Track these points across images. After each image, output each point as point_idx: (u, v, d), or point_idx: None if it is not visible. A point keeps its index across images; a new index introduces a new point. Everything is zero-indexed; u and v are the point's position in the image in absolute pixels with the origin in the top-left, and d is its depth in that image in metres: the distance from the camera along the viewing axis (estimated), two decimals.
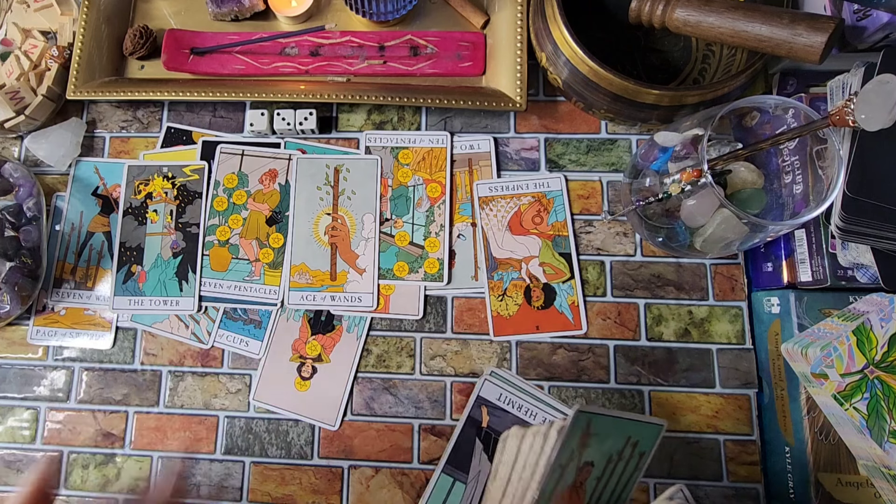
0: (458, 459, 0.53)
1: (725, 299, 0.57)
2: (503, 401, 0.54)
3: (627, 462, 0.41)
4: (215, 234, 0.60)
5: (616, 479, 0.41)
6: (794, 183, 0.52)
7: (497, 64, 0.60)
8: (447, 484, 0.53)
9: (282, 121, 0.61)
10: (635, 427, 0.40)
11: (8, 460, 0.58)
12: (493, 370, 0.55)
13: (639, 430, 0.40)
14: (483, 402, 0.54)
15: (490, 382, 0.55)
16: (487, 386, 0.55)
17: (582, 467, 0.39)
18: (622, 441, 0.40)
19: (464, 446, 0.54)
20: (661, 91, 0.49)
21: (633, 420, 0.40)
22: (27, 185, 0.60)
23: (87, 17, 0.62)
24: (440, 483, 0.53)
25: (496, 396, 0.55)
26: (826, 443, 0.50)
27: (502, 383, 0.54)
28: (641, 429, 0.40)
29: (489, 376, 0.55)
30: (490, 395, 0.55)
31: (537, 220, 0.59)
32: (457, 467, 0.53)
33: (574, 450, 0.38)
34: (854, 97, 0.41)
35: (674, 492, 0.37)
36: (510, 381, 0.54)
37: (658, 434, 0.41)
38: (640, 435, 0.40)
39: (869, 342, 0.46)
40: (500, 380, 0.54)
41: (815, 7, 0.52)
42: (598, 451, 0.39)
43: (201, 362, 0.59)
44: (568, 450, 0.38)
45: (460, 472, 0.53)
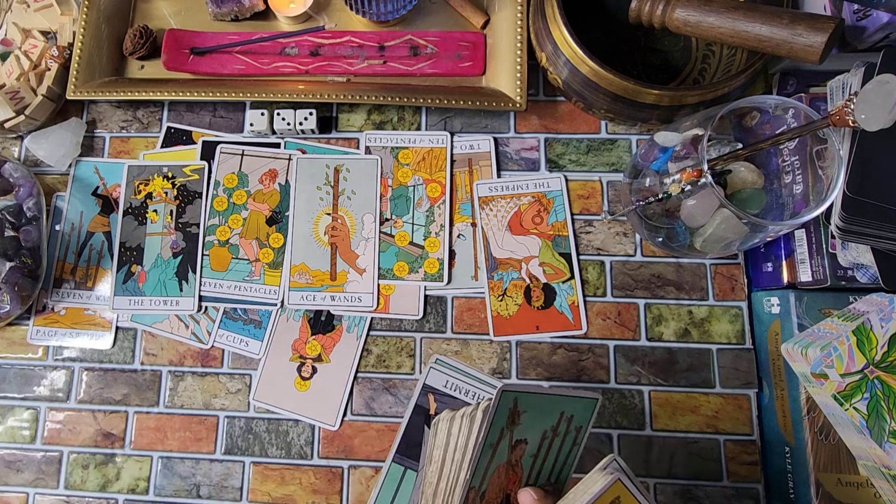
0: (408, 448, 0.54)
1: (725, 299, 0.57)
2: (449, 387, 0.55)
3: (564, 437, 0.40)
4: (215, 234, 0.60)
5: (555, 455, 0.40)
6: (794, 183, 0.52)
7: (497, 64, 0.60)
8: (398, 472, 0.54)
9: (282, 121, 0.61)
10: (568, 402, 0.39)
11: (8, 460, 0.58)
12: (437, 357, 0.56)
13: (572, 404, 0.39)
14: (429, 390, 0.55)
15: (435, 370, 0.55)
16: (433, 373, 0.55)
17: (514, 445, 0.39)
18: (555, 417, 0.39)
19: (413, 434, 0.54)
20: (661, 91, 0.49)
21: (563, 396, 0.39)
22: (27, 185, 0.60)
23: (87, 17, 0.62)
24: (391, 472, 0.54)
25: (442, 383, 0.55)
26: (826, 443, 0.50)
27: (447, 370, 0.55)
28: (575, 403, 0.39)
29: (434, 364, 0.56)
30: (436, 383, 0.55)
31: (537, 220, 0.59)
32: (407, 456, 0.54)
33: (504, 428, 0.38)
34: (854, 97, 0.41)
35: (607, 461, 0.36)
36: (455, 366, 0.55)
37: (593, 408, 0.40)
38: (573, 409, 0.39)
39: (869, 342, 0.46)
40: (445, 366, 0.55)
41: (815, 7, 0.52)
42: (531, 428, 0.39)
43: (201, 362, 0.59)
44: (497, 429, 0.37)
45: (410, 460, 0.54)
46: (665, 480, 0.54)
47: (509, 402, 0.37)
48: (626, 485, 0.34)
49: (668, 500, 0.54)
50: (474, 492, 0.38)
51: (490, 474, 0.38)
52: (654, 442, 0.55)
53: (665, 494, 0.54)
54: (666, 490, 0.54)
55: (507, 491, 0.39)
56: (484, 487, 0.38)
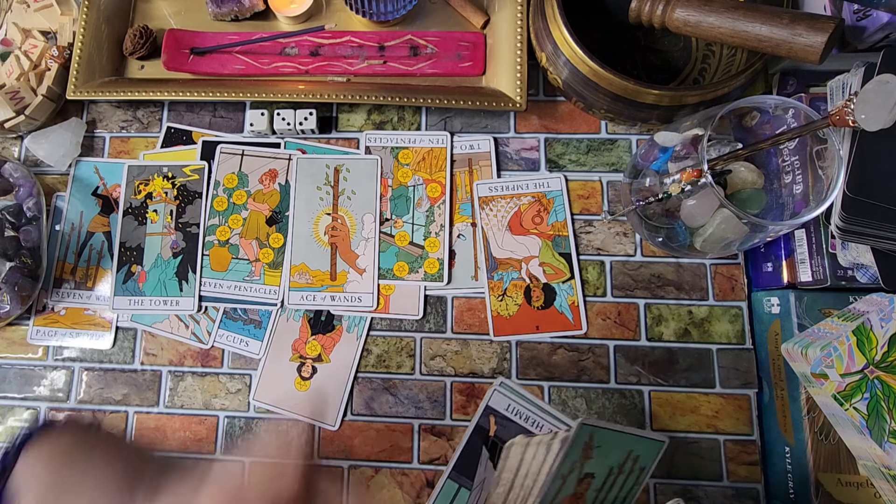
0: (464, 466, 0.54)
1: (725, 299, 0.57)
2: (510, 411, 0.55)
3: (628, 476, 0.41)
4: (215, 234, 0.60)
5: (616, 492, 0.41)
6: (794, 183, 0.52)
7: (497, 64, 0.60)
8: (452, 489, 0.54)
9: (282, 121, 0.61)
10: (637, 442, 0.40)
11: None
12: (502, 381, 0.56)
13: (640, 445, 0.41)
14: (491, 412, 0.55)
15: (499, 392, 0.55)
16: (496, 396, 0.55)
17: (583, 479, 0.39)
18: (623, 455, 0.40)
19: (470, 453, 0.54)
20: (661, 91, 0.49)
21: (635, 435, 0.40)
22: (27, 185, 0.60)
23: (87, 17, 0.62)
24: (446, 488, 0.54)
25: (504, 407, 0.55)
26: (826, 443, 0.50)
27: (510, 394, 0.55)
28: (643, 444, 0.41)
29: (499, 387, 0.56)
30: (498, 406, 0.55)
31: (537, 220, 0.59)
32: (462, 473, 0.54)
33: (576, 461, 0.39)
34: (854, 97, 0.41)
35: None
36: (518, 392, 0.55)
37: (659, 450, 0.41)
38: (641, 450, 0.41)
39: (869, 342, 0.46)
40: (509, 390, 0.55)
41: (815, 7, 0.52)
42: (600, 463, 0.40)
43: (201, 362, 0.59)
44: (570, 461, 0.38)
45: (465, 479, 0.54)
46: (665, 480, 0.54)
47: (586, 436, 0.39)
48: None
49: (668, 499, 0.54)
50: None
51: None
52: None
53: (665, 494, 0.54)
54: (666, 490, 0.54)
55: None
56: None
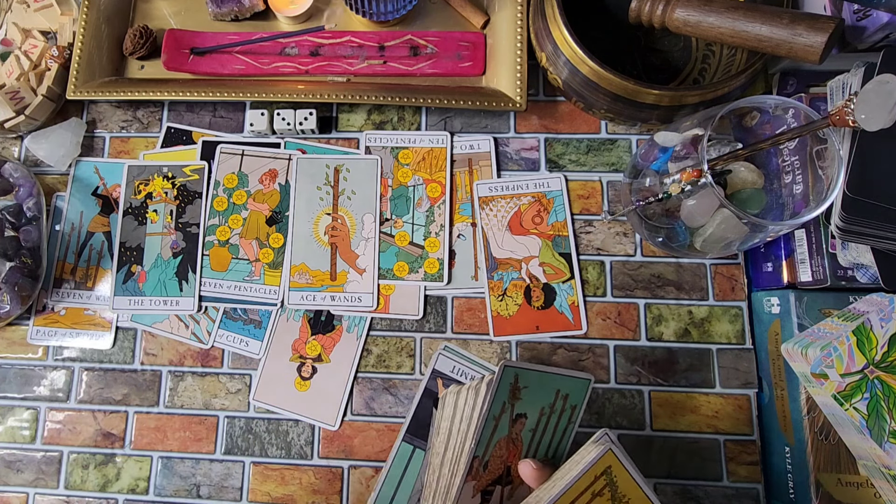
0: (417, 428, 0.56)
1: (725, 299, 0.57)
2: (456, 372, 0.57)
3: (560, 414, 0.43)
4: (215, 234, 0.60)
5: (552, 432, 0.43)
6: (794, 183, 0.52)
7: (497, 64, 0.60)
8: (408, 451, 0.56)
9: (282, 121, 0.61)
10: (563, 381, 0.42)
11: (8, 460, 0.58)
12: (446, 345, 0.58)
13: (567, 383, 0.43)
14: (438, 374, 0.57)
15: (443, 356, 0.57)
16: (441, 359, 0.57)
17: (515, 419, 0.42)
18: (552, 394, 0.42)
19: (421, 416, 0.56)
20: (661, 91, 0.49)
21: (559, 374, 0.42)
22: (27, 185, 0.60)
23: (87, 17, 0.62)
24: (401, 450, 0.56)
25: (450, 369, 0.57)
26: (826, 443, 0.50)
27: (454, 356, 0.57)
28: (569, 382, 0.43)
29: (443, 350, 0.57)
30: (444, 368, 0.57)
31: (537, 220, 0.59)
32: (416, 435, 0.56)
33: (506, 402, 0.41)
34: (854, 97, 0.41)
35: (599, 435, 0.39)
36: (462, 354, 0.57)
37: (586, 387, 0.43)
38: (568, 388, 0.43)
39: (869, 342, 0.46)
40: (453, 353, 0.57)
41: (815, 7, 0.52)
42: (530, 403, 0.42)
43: (201, 362, 0.59)
44: (499, 402, 0.41)
45: (419, 440, 0.56)
46: (665, 480, 0.54)
47: (510, 377, 0.41)
48: (616, 455, 0.37)
49: (668, 500, 0.54)
50: (478, 461, 0.40)
51: (493, 446, 0.41)
52: (654, 442, 0.55)
53: (665, 494, 0.54)
54: (666, 490, 0.54)
55: (508, 463, 0.42)
56: (487, 458, 0.41)
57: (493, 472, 0.42)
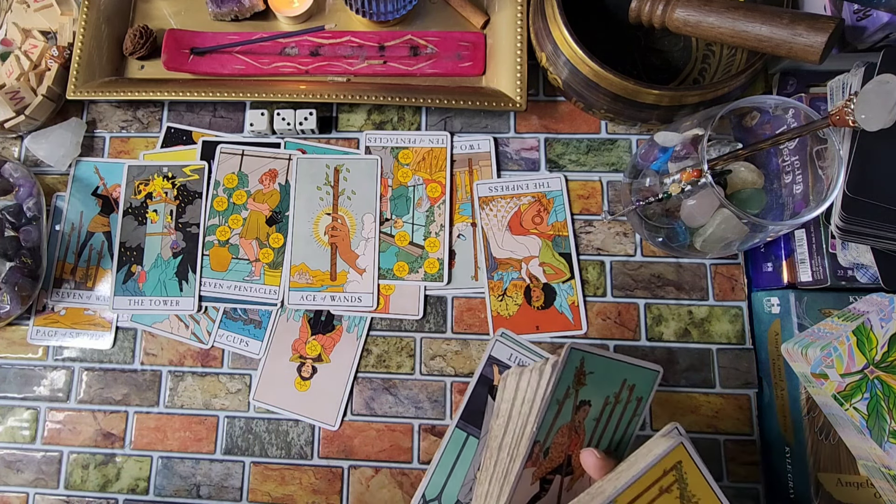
0: (471, 415, 0.56)
1: (725, 299, 0.57)
2: (513, 360, 0.57)
3: (626, 405, 0.41)
4: (215, 234, 0.60)
5: (615, 422, 0.41)
6: (794, 183, 0.52)
7: (497, 64, 0.60)
8: (461, 438, 0.55)
9: (282, 121, 0.61)
10: (630, 370, 0.41)
11: (8, 460, 0.58)
12: (503, 331, 0.57)
13: (634, 373, 0.41)
14: (494, 361, 0.57)
15: (500, 343, 0.57)
16: (498, 346, 0.57)
17: (579, 406, 0.40)
18: (618, 383, 0.40)
19: (476, 403, 0.56)
20: (661, 91, 0.49)
21: (627, 363, 0.40)
22: (27, 185, 0.60)
23: (87, 17, 0.62)
24: (454, 437, 0.55)
25: (506, 356, 0.57)
26: (826, 443, 0.50)
27: (512, 343, 0.57)
28: (636, 372, 0.41)
29: (500, 337, 0.57)
30: (500, 355, 0.57)
31: (537, 220, 0.59)
32: (470, 422, 0.55)
33: (570, 386, 0.39)
34: (854, 97, 0.41)
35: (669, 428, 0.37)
36: (519, 341, 0.57)
37: (654, 379, 0.41)
38: (635, 379, 0.41)
39: (869, 342, 0.46)
40: (510, 340, 0.57)
41: (815, 7, 0.52)
42: (595, 391, 0.40)
43: (201, 362, 0.59)
44: (563, 386, 0.39)
45: (473, 427, 0.55)
46: None
47: (576, 360, 0.39)
48: (688, 450, 0.35)
49: None
50: (539, 446, 0.39)
51: (554, 432, 0.39)
52: None
53: None
54: None
55: (569, 452, 0.40)
56: (548, 444, 0.39)
57: (554, 460, 0.39)
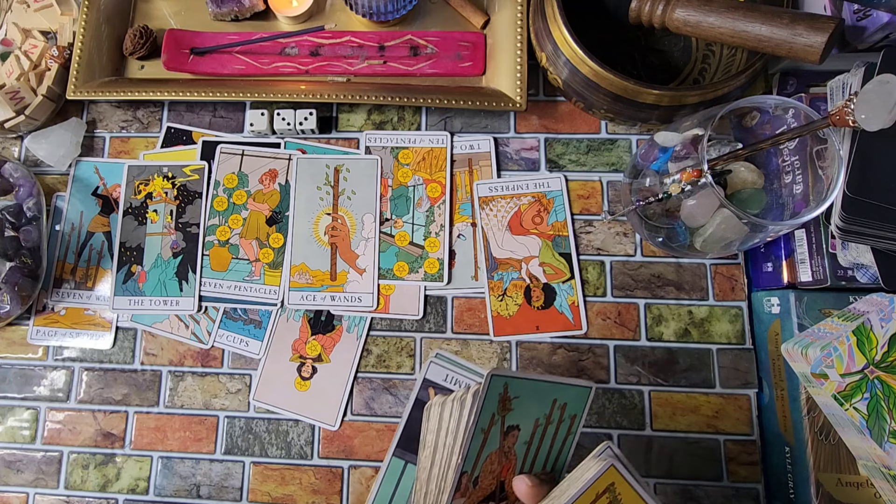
0: (408, 442, 0.55)
1: (725, 299, 0.57)
2: (449, 381, 0.56)
3: (558, 425, 0.40)
4: (215, 234, 0.60)
5: (549, 444, 0.40)
6: (794, 183, 0.52)
7: (497, 64, 0.60)
8: (399, 467, 0.54)
9: (282, 121, 0.61)
10: (560, 390, 0.39)
11: (8, 460, 0.58)
12: (438, 352, 0.56)
13: (564, 392, 0.39)
14: (430, 384, 0.56)
15: (435, 364, 0.56)
16: (433, 368, 0.56)
17: (507, 432, 0.38)
18: (548, 404, 0.39)
19: (413, 429, 0.54)
20: (661, 91, 0.49)
21: (555, 383, 0.39)
22: (27, 185, 0.60)
23: (87, 17, 0.62)
24: (391, 467, 0.54)
25: (442, 377, 0.56)
26: (826, 443, 0.50)
27: (446, 363, 0.56)
28: (567, 391, 0.39)
29: (434, 358, 0.56)
30: (436, 377, 0.56)
31: (537, 220, 0.59)
32: (407, 450, 0.54)
33: (495, 413, 0.38)
34: (854, 97, 0.41)
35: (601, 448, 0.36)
36: (455, 361, 0.56)
37: (587, 396, 0.40)
38: (566, 397, 0.39)
39: (869, 342, 0.46)
40: (445, 360, 0.56)
41: (815, 7, 0.52)
42: (523, 414, 0.39)
43: (201, 362, 0.59)
44: (488, 413, 0.37)
45: (411, 454, 0.54)
46: (665, 480, 0.54)
47: (499, 386, 0.37)
48: (620, 471, 0.34)
49: (668, 500, 0.54)
50: (467, 476, 0.38)
51: (483, 460, 0.38)
52: (654, 442, 0.55)
53: (665, 494, 0.54)
54: (666, 490, 0.54)
55: (501, 478, 0.39)
56: (477, 473, 0.38)
57: (485, 488, 0.39)
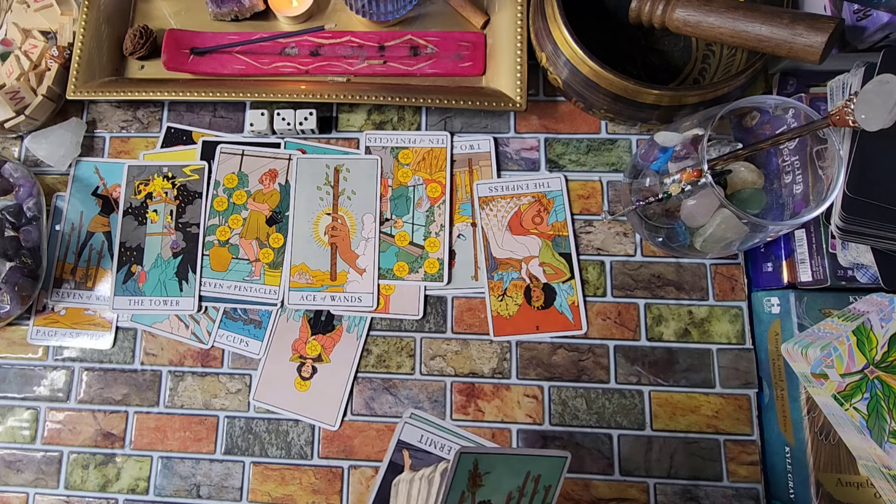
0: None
1: (725, 299, 0.57)
2: (425, 442, 0.54)
3: (532, 497, 0.39)
4: (215, 234, 0.60)
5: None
6: (794, 183, 0.52)
7: (497, 64, 0.60)
8: None
9: (282, 121, 0.61)
10: (532, 462, 0.38)
11: (8, 460, 0.58)
12: (412, 412, 0.55)
13: (537, 464, 0.38)
14: (404, 446, 0.54)
15: (410, 425, 0.54)
16: (408, 429, 0.54)
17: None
18: (521, 476, 0.38)
19: (386, 493, 0.52)
20: (661, 91, 0.49)
21: (527, 455, 0.38)
22: (27, 185, 0.60)
23: (87, 17, 0.62)
24: None
25: (417, 438, 0.54)
26: (826, 443, 0.50)
27: (423, 424, 0.54)
28: (540, 462, 0.38)
29: (409, 419, 0.54)
30: (411, 438, 0.54)
31: (537, 220, 0.59)
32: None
33: (465, 490, 0.37)
34: (854, 97, 0.41)
35: None
36: (431, 421, 0.54)
37: (562, 465, 0.39)
38: (540, 469, 0.38)
39: (869, 342, 0.46)
40: (421, 420, 0.54)
41: (815, 7, 0.52)
42: (494, 489, 0.38)
43: (201, 362, 0.59)
44: (457, 491, 0.37)
45: None
46: (665, 480, 0.54)
47: (468, 463, 0.36)
48: None
49: (668, 500, 0.54)
50: None
51: None
52: (654, 442, 0.55)
53: (665, 494, 0.54)
54: (666, 490, 0.54)
55: None
56: None
57: None
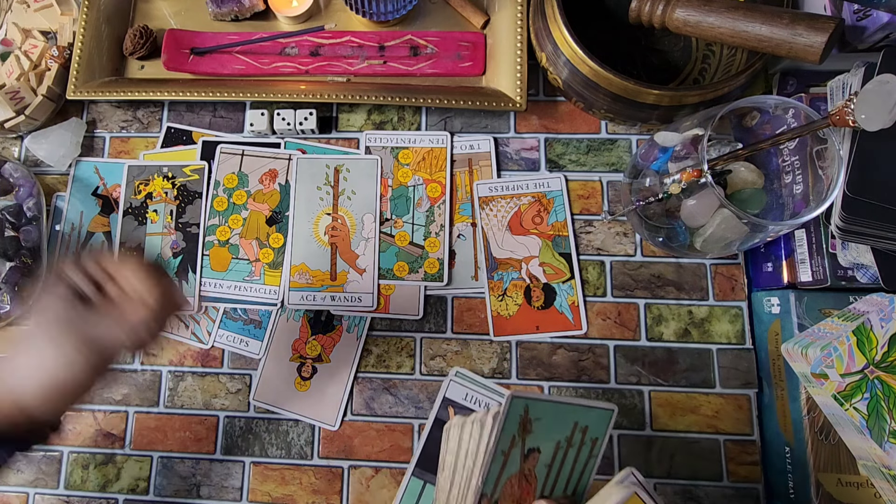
0: (428, 461, 0.54)
1: (725, 299, 0.57)
2: (469, 400, 0.55)
3: (580, 448, 0.39)
4: (215, 234, 0.60)
5: (570, 467, 0.40)
6: (794, 183, 0.52)
7: (497, 64, 0.60)
8: (418, 486, 0.54)
9: (282, 121, 0.61)
10: (581, 412, 0.39)
11: None
12: (458, 370, 0.56)
13: (585, 415, 0.39)
14: (449, 403, 0.55)
15: (455, 383, 0.56)
16: (453, 386, 0.56)
17: (527, 454, 0.38)
18: (569, 427, 0.39)
19: (433, 447, 0.54)
20: (661, 91, 0.49)
21: (577, 405, 0.39)
22: (27, 185, 0.60)
23: (87, 17, 0.62)
24: (411, 486, 0.53)
25: (462, 396, 0.55)
26: (826, 443, 0.50)
27: (467, 382, 0.55)
28: (588, 414, 0.39)
29: (454, 377, 0.56)
30: (456, 396, 0.55)
31: (537, 220, 0.59)
32: (427, 469, 0.54)
33: (515, 435, 0.37)
34: (854, 97, 0.41)
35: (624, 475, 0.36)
36: (475, 380, 0.55)
37: (609, 419, 0.39)
38: (588, 420, 0.39)
39: (869, 342, 0.46)
40: (465, 379, 0.55)
41: (815, 7, 0.52)
42: (544, 437, 0.38)
43: (201, 362, 0.59)
44: (508, 436, 0.37)
45: (430, 475, 0.54)
46: (665, 480, 0.54)
47: (519, 408, 0.37)
48: (642, 498, 0.34)
49: (668, 500, 0.54)
50: (487, 499, 0.37)
51: (503, 483, 0.38)
52: (654, 442, 0.55)
53: (665, 494, 0.54)
54: (666, 490, 0.54)
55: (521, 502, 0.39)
56: (496, 496, 0.38)
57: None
